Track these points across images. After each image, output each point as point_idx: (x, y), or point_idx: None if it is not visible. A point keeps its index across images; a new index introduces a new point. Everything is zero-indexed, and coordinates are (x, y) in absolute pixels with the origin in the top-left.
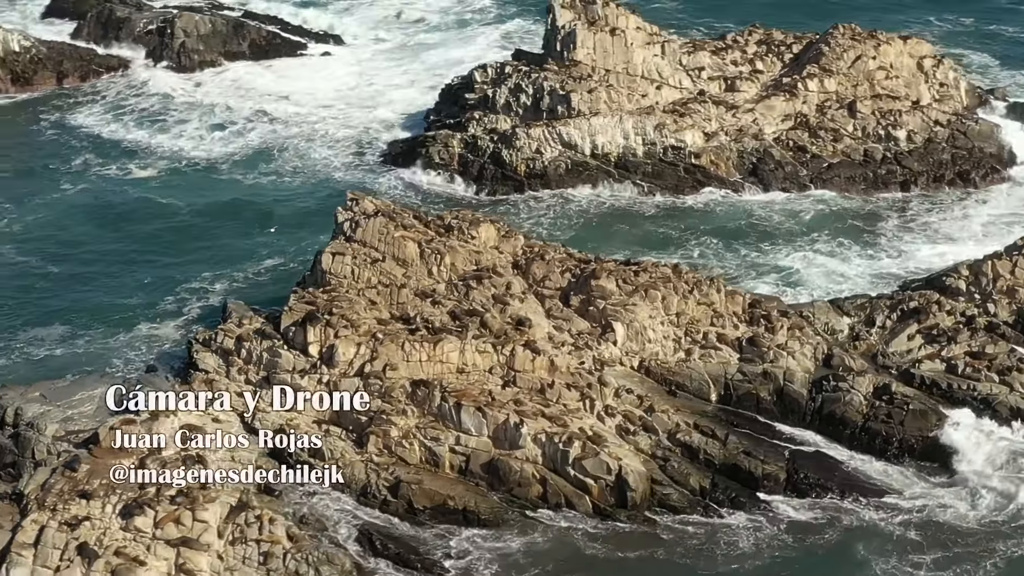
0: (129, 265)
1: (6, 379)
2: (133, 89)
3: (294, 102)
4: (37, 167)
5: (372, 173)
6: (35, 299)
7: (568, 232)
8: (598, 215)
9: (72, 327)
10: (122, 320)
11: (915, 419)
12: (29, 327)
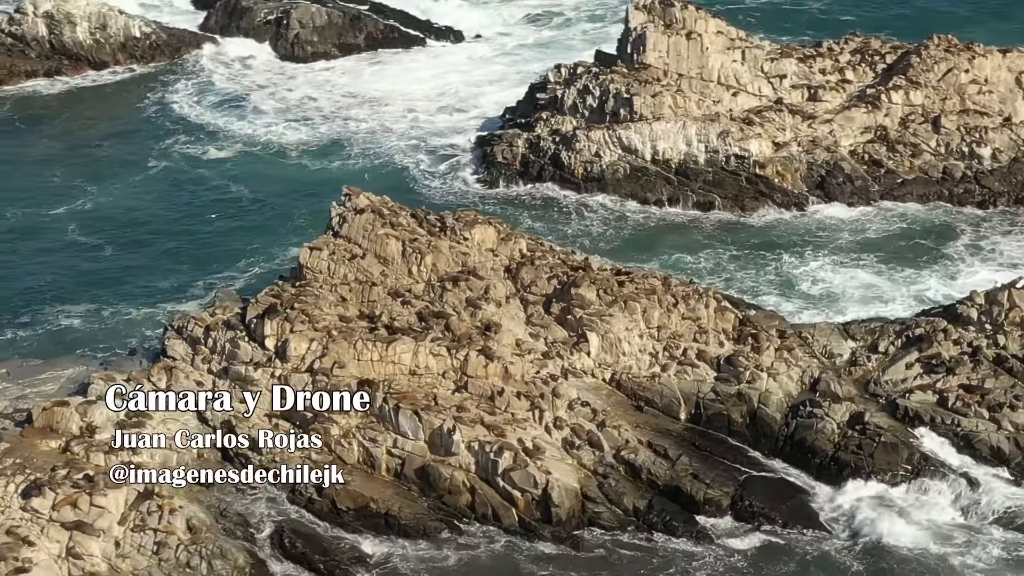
0: (176, 246)
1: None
2: (235, 75)
3: (386, 98)
4: (131, 145)
5: (432, 170)
6: (76, 274)
7: (614, 243)
8: (650, 226)
9: (100, 304)
10: (148, 300)
11: (885, 452)
12: (60, 302)
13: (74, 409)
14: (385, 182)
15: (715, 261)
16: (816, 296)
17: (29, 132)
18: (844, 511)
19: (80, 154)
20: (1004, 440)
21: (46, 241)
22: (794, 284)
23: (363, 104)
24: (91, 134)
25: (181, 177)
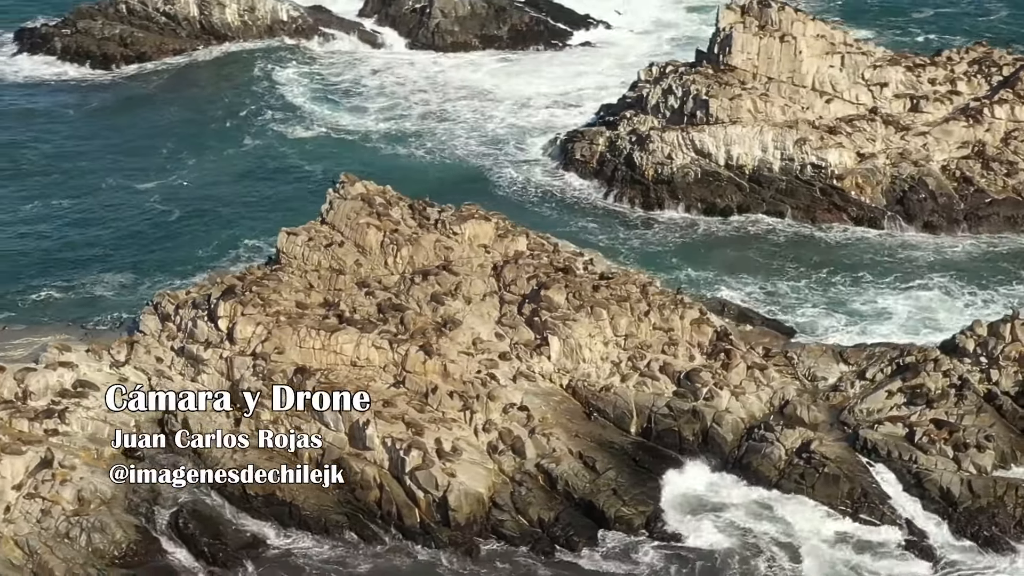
0: (234, 221)
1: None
2: (359, 62)
3: (499, 94)
4: (236, 121)
5: (507, 167)
6: (130, 243)
7: (670, 249)
8: (712, 232)
9: (139, 275)
10: (182, 272)
11: (825, 484)
12: (104, 270)
13: (12, 376)
14: (451, 175)
15: (768, 271)
16: (866, 316)
17: (161, 104)
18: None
19: (194, 127)
20: (957, 482)
21: (123, 210)
22: (846, 302)
23: (472, 98)
24: (211, 108)
25: (265, 155)
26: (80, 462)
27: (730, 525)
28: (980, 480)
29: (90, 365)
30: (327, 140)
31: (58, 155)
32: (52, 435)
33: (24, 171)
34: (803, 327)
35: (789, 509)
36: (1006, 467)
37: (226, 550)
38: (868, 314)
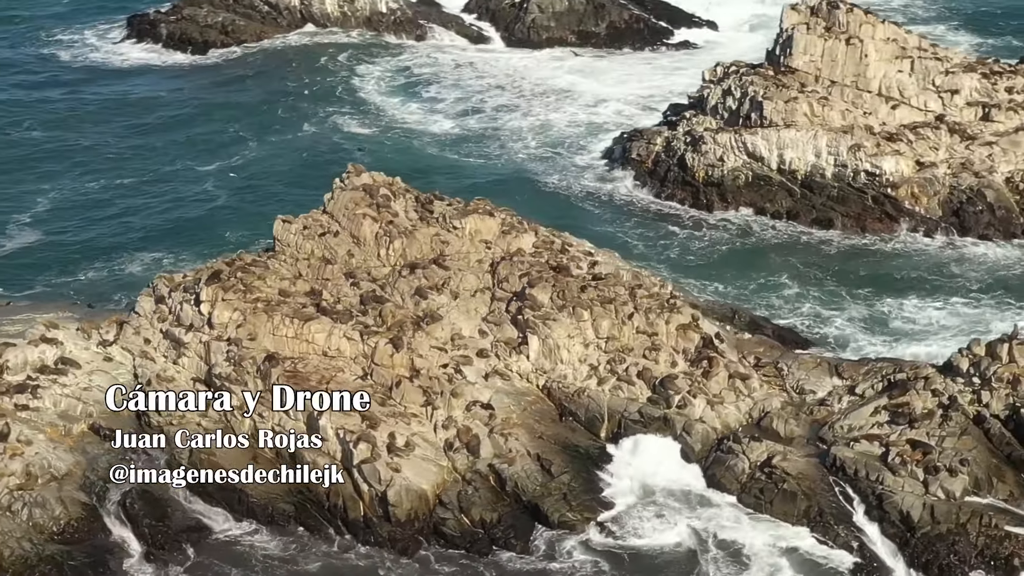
0: (271, 208)
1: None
2: (442, 57)
3: (579, 94)
4: (304, 108)
5: (561, 164)
6: (172, 227)
7: (711, 252)
8: (759, 238)
9: (173, 257)
10: (209, 255)
11: (783, 500)
12: (141, 250)
13: None
14: (502, 173)
15: (809, 279)
16: (907, 331)
17: (242, 90)
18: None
19: (264, 113)
20: (919, 507)
21: (179, 192)
22: (889, 316)
23: (550, 96)
24: (285, 95)
25: (320, 145)
26: (44, 438)
27: (681, 534)
28: (944, 505)
29: (76, 343)
30: (386, 135)
31: (136, 136)
32: (22, 410)
33: (100, 153)
34: (839, 340)
35: (746, 523)
36: (980, 493)
37: (167, 533)
38: (910, 329)
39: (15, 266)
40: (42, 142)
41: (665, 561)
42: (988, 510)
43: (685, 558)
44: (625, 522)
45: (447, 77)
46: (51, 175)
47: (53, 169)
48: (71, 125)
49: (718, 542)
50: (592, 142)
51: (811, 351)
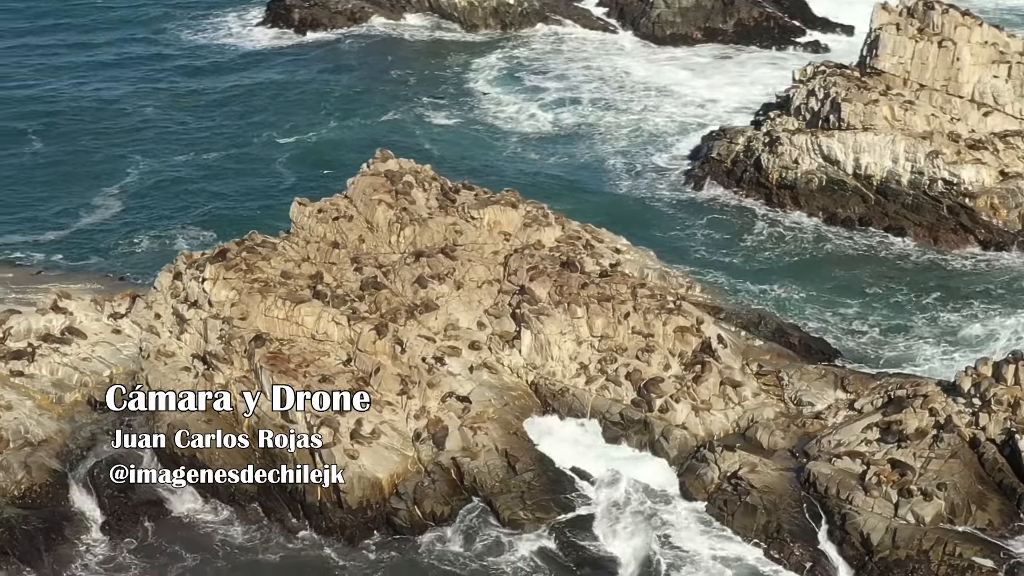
0: (330, 189)
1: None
2: (554, 51)
3: (683, 94)
4: (396, 93)
5: (642, 162)
6: (234, 200)
7: (777, 259)
8: (827, 244)
9: (222, 232)
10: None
11: (743, 513)
12: (196, 224)
13: None
14: (578, 170)
15: (872, 291)
16: (972, 349)
17: (349, 70)
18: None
19: (360, 94)
20: (881, 530)
21: (253, 167)
22: (955, 331)
23: (652, 94)
24: (388, 79)
25: (390, 132)
26: (32, 404)
27: (632, 543)
28: (908, 530)
29: (87, 314)
30: (470, 126)
31: (234, 115)
32: (16, 376)
33: (196, 129)
34: (898, 358)
35: (703, 536)
36: (955, 520)
37: (126, 505)
38: (974, 347)
39: (85, 234)
40: (151, 118)
41: (606, 571)
42: (957, 538)
43: (625, 569)
44: (578, 527)
45: (555, 70)
46: (149, 150)
47: (152, 145)
48: (182, 103)
49: (666, 555)
50: (682, 141)
51: (836, 362)
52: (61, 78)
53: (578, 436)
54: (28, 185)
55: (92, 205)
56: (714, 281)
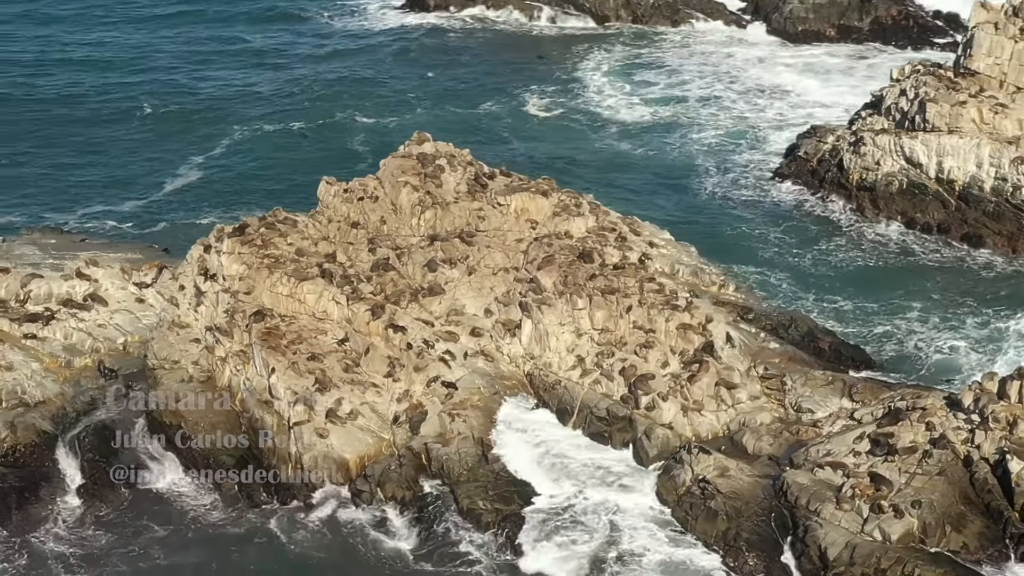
0: None
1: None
2: (695, 42)
3: (799, 91)
4: (509, 82)
5: (730, 159)
6: (301, 180)
7: (846, 269)
8: (900, 251)
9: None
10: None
11: (705, 519)
12: (264, 201)
13: (18, 278)
14: (659, 165)
15: (937, 301)
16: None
17: (468, 55)
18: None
19: (467, 79)
20: (840, 545)
21: (320, 147)
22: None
23: (764, 93)
24: (495, 66)
25: (480, 121)
26: (39, 367)
27: (588, 544)
28: (869, 547)
29: (113, 282)
30: (566, 117)
31: (333, 92)
32: (28, 338)
33: (293, 102)
34: (947, 369)
35: (663, 541)
36: (927, 541)
37: (101, 470)
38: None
39: (160, 204)
40: (262, 91)
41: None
42: (921, 560)
43: (571, 569)
44: (535, 525)
45: (671, 65)
46: (244, 120)
47: (248, 115)
48: (294, 78)
49: (616, 557)
50: (779, 140)
51: (863, 373)
52: (186, 57)
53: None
54: (124, 157)
55: (176, 175)
56: (777, 284)
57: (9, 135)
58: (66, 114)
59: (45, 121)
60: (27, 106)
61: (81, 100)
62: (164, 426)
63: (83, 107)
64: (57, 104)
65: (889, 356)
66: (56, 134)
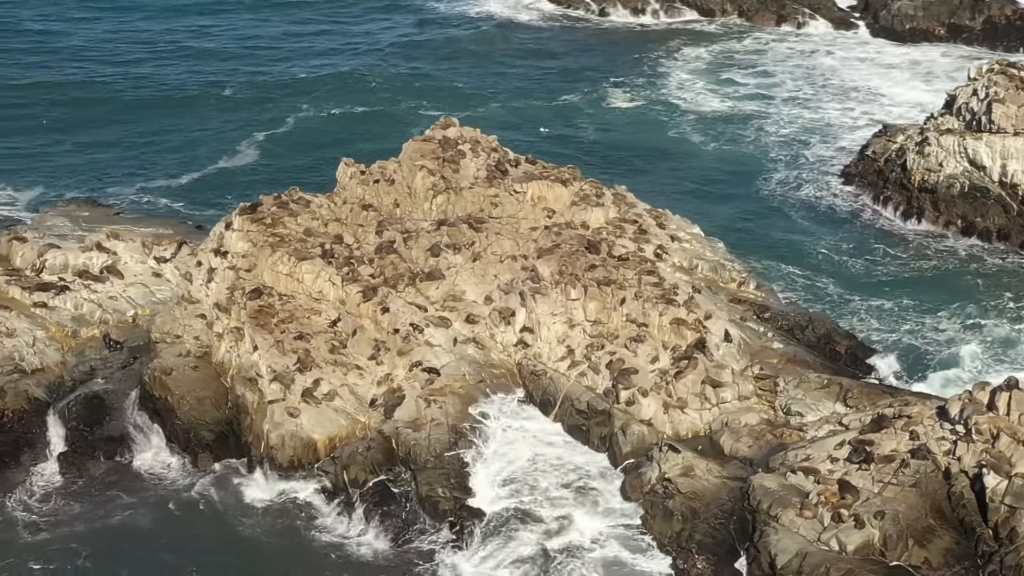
0: None
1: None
2: (787, 40)
3: (889, 94)
4: (592, 76)
5: (797, 158)
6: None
7: (902, 277)
8: (964, 264)
9: None
10: None
11: (662, 518)
12: (314, 178)
13: (35, 248)
14: (722, 161)
15: (989, 312)
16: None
17: (562, 49)
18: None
19: (553, 72)
20: (790, 552)
21: (380, 135)
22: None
23: (853, 97)
24: (588, 60)
25: (557, 113)
26: (43, 335)
27: (528, 545)
28: (819, 556)
29: (132, 256)
30: (644, 110)
31: (408, 81)
32: (38, 307)
33: (368, 82)
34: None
35: (612, 541)
36: (887, 554)
37: (84, 440)
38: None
39: (211, 182)
40: (343, 71)
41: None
42: (874, 573)
43: (516, 562)
44: (490, 517)
45: (765, 61)
46: (316, 101)
47: (319, 94)
48: (375, 63)
49: (566, 553)
50: (856, 139)
51: (873, 378)
52: (280, 40)
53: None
54: (195, 135)
55: (236, 152)
56: (824, 287)
57: (94, 118)
58: (148, 97)
59: (128, 104)
60: (120, 88)
61: (165, 83)
62: (152, 399)
63: (166, 89)
64: (142, 87)
65: (922, 365)
66: (133, 115)
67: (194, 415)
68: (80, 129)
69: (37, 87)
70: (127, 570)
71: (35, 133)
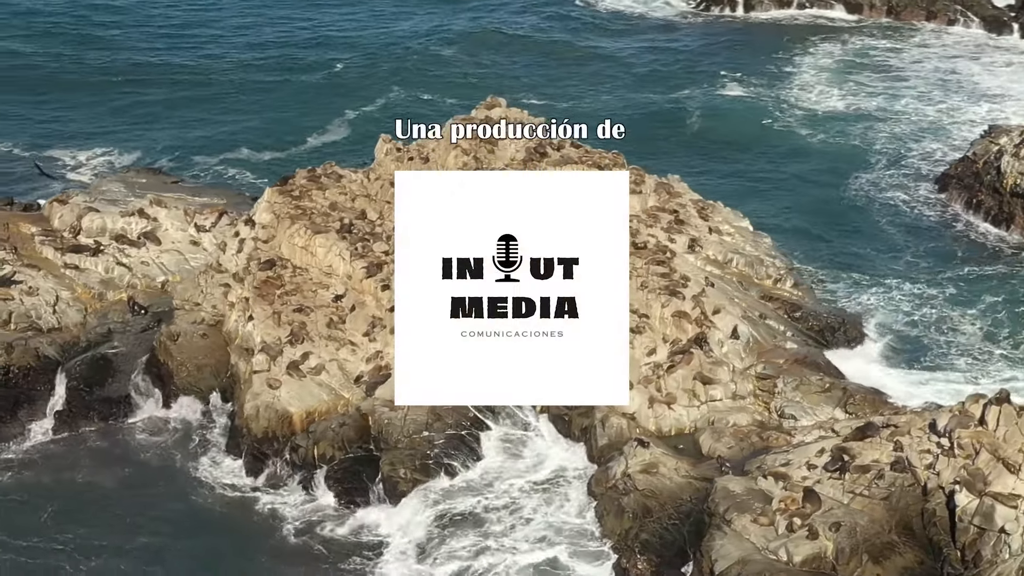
0: None
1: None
2: (930, 40)
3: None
4: (712, 68)
5: (896, 156)
6: None
7: (967, 284)
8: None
9: None
10: None
11: (614, 517)
12: None
13: (73, 210)
14: (825, 156)
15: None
16: None
17: (691, 39)
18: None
19: (675, 67)
20: (732, 559)
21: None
22: None
23: (979, 99)
24: (716, 55)
25: (642, 107)
26: (68, 296)
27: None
28: (760, 565)
29: (173, 223)
30: (753, 102)
31: (512, 69)
32: (69, 268)
33: (460, 71)
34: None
35: (561, 538)
36: (838, 568)
37: (82, 399)
38: None
39: (292, 156)
40: (443, 54)
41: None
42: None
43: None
44: (439, 502)
45: (897, 64)
46: (411, 84)
47: (416, 80)
48: (487, 53)
49: (504, 548)
50: (962, 141)
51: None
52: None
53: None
54: (290, 110)
55: (325, 129)
56: (896, 296)
57: (208, 96)
58: (259, 79)
59: (235, 83)
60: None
61: (280, 62)
62: (157, 363)
63: (281, 67)
64: (258, 70)
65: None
66: (238, 95)
67: (190, 382)
68: (185, 108)
69: (159, 67)
70: (85, 529)
71: (139, 108)
